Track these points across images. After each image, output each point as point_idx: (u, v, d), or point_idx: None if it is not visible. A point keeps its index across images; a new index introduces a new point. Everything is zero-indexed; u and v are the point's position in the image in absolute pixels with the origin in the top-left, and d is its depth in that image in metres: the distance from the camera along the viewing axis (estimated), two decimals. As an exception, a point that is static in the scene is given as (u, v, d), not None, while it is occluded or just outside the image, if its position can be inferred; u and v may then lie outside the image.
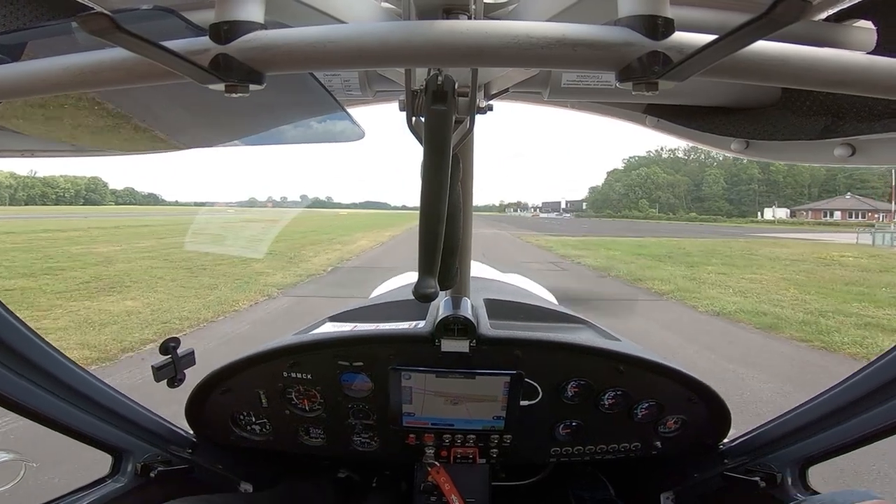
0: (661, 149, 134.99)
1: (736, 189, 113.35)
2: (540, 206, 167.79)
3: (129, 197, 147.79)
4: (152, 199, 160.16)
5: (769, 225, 78.14)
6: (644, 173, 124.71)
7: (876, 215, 72.22)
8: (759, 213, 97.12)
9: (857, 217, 78.37)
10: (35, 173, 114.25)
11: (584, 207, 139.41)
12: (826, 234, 41.38)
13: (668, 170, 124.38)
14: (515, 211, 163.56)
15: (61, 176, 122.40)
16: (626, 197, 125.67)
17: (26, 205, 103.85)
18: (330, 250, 21.29)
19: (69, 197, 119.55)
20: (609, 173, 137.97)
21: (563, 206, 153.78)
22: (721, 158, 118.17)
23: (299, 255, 18.74)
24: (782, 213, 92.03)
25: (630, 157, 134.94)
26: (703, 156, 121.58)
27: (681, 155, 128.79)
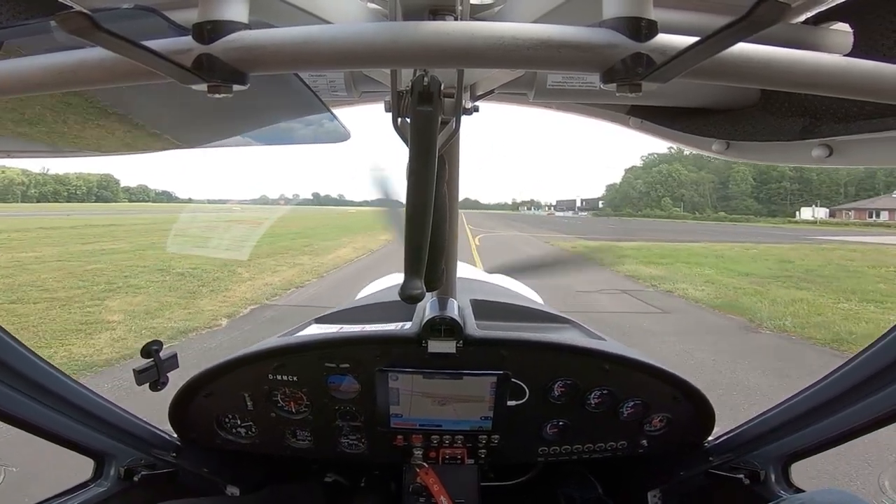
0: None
1: (765, 188, 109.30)
2: (554, 204, 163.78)
3: (142, 195, 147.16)
4: (165, 197, 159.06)
5: (811, 226, 70.73)
6: (665, 170, 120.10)
7: (928, 215, 66.45)
8: (796, 213, 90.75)
9: (907, 218, 71.94)
10: (48, 171, 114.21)
11: (599, 206, 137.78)
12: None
13: (691, 167, 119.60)
14: (529, 209, 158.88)
15: (75, 174, 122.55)
16: (646, 195, 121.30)
17: (38, 202, 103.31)
18: (286, 266, 14.85)
19: (81, 194, 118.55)
20: (627, 170, 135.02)
21: (578, 204, 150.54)
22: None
23: (231, 276, 12.40)
24: (821, 212, 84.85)
25: (649, 154, 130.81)
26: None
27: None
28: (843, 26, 0.68)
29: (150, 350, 1.45)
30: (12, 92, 0.55)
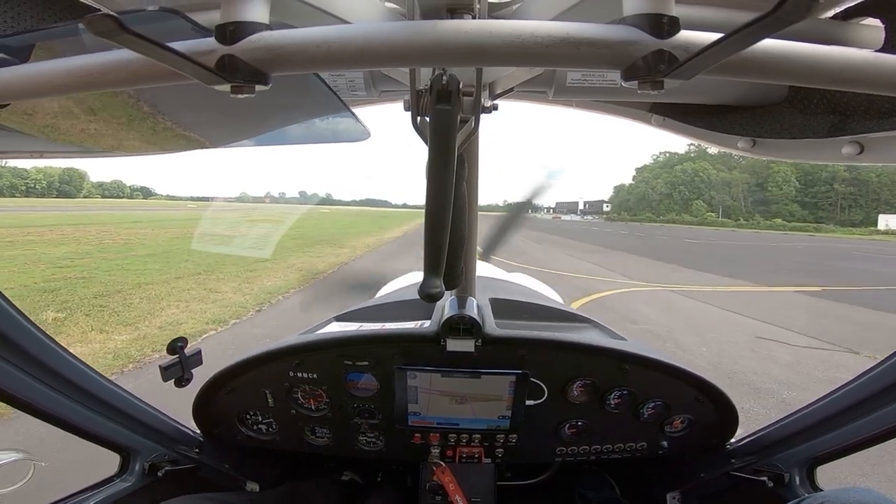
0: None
1: (811, 190, 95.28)
2: (553, 206, 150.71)
3: (116, 190, 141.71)
4: (142, 193, 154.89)
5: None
6: (690, 169, 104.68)
7: None
8: (878, 221, 75.60)
9: None
10: (6, 163, 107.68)
11: (604, 208, 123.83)
12: None
13: (721, 166, 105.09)
14: (528, 211, 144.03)
15: (35, 167, 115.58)
16: (668, 197, 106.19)
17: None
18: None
19: (41, 189, 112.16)
20: (639, 170, 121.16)
21: (580, 206, 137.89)
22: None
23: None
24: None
25: (661, 153, 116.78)
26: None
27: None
28: (875, 21, 0.66)
29: (175, 347, 1.47)
30: (43, 94, 0.56)
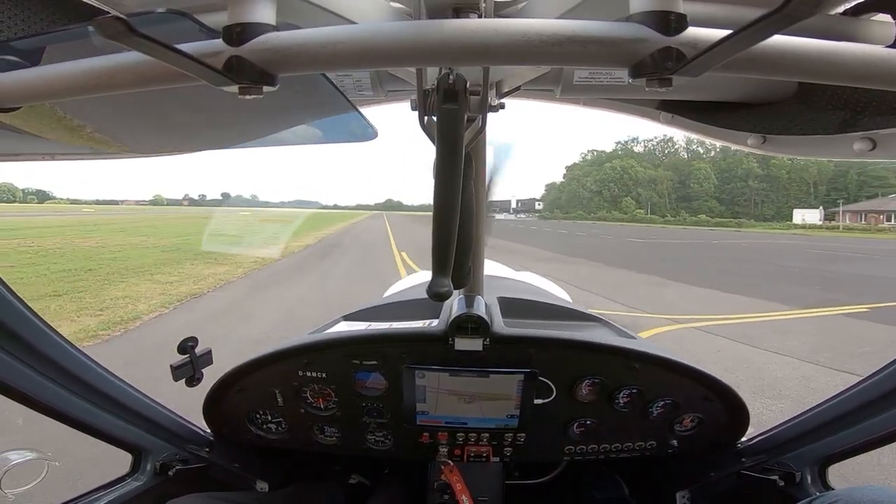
0: (633, 140, 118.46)
1: (728, 187, 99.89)
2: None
3: (7, 194, 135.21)
4: (39, 197, 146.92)
5: (830, 232, 58.02)
6: (619, 167, 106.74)
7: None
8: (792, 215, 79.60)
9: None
10: None
11: (537, 206, 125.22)
12: None
13: (647, 164, 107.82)
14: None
15: None
16: (599, 195, 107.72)
17: None
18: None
19: None
20: (570, 168, 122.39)
21: (513, 205, 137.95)
22: (713, 154, 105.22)
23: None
24: (814, 215, 74.25)
25: (589, 151, 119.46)
26: (686, 152, 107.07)
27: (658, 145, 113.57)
28: (885, 17, 0.65)
29: (185, 347, 1.46)
30: (54, 96, 0.57)
